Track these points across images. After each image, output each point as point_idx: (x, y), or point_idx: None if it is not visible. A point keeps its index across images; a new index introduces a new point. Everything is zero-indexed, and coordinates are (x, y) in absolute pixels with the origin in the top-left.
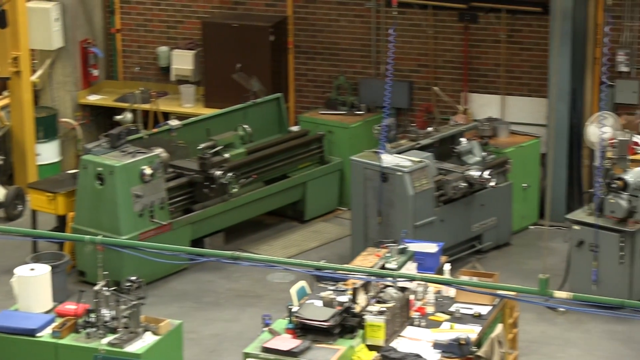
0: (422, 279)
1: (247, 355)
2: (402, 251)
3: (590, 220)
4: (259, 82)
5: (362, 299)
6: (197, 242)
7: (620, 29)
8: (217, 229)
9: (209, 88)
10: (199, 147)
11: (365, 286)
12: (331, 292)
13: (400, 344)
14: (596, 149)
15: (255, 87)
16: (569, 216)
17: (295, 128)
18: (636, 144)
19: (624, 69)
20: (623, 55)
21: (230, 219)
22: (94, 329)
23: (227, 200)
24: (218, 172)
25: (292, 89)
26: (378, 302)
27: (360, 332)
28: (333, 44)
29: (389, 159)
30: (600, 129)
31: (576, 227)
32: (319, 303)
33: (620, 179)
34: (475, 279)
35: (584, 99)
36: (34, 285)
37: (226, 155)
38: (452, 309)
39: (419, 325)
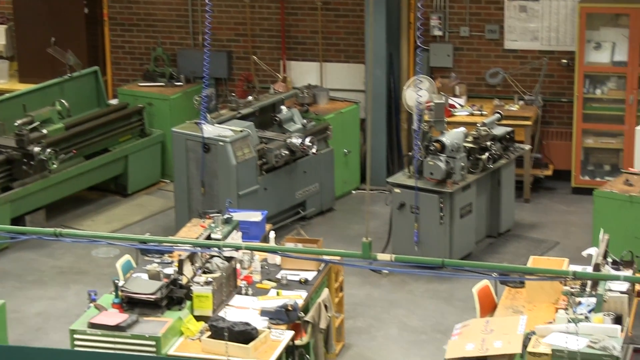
0: (247, 248)
1: (73, 332)
2: (227, 221)
3: (410, 182)
4: (74, 56)
5: (188, 270)
6: (17, 220)
7: None
8: (37, 206)
9: (22, 63)
10: (15, 124)
11: (191, 257)
12: (157, 264)
13: (229, 313)
14: (414, 113)
15: (71, 60)
16: (390, 180)
17: (114, 101)
18: (452, 106)
19: (437, 33)
20: (436, 19)
21: (51, 195)
22: None
23: (47, 177)
24: (36, 149)
25: (109, 62)
26: (204, 272)
27: (188, 303)
28: (149, 15)
29: (210, 130)
30: (416, 93)
31: (397, 190)
32: (145, 276)
33: (437, 141)
34: (300, 246)
35: (400, 64)
36: None
37: (44, 131)
38: (278, 276)
39: (246, 294)
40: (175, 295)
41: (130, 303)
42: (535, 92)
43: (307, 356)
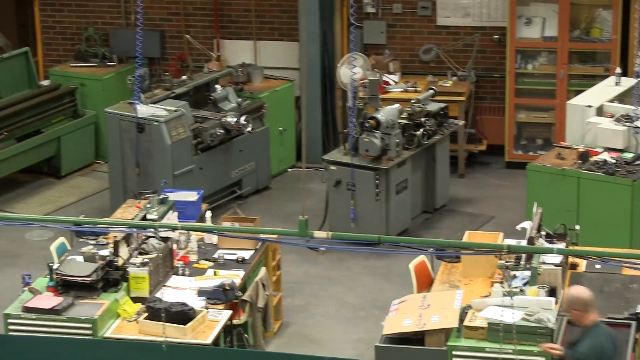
0: (183, 228)
1: (7, 316)
2: (163, 201)
3: (346, 160)
4: (4, 37)
5: (124, 251)
6: None
7: None
8: None
9: None
10: None
11: (127, 238)
12: (92, 246)
13: (166, 294)
14: (348, 90)
15: (1, 42)
16: (326, 157)
17: (45, 82)
18: (386, 83)
19: (371, 10)
20: None
21: None
22: None
23: None
24: None
25: (39, 43)
26: (140, 253)
27: (124, 284)
28: None
29: (144, 110)
30: (351, 70)
31: (333, 167)
32: (80, 258)
33: (372, 118)
34: (236, 225)
35: (334, 41)
36: None
37: None
38: (215, 255)
39: (183, 274)
40: (111, 277)
41: (65, 286)
42: (468, 68)
43: (246, 335)
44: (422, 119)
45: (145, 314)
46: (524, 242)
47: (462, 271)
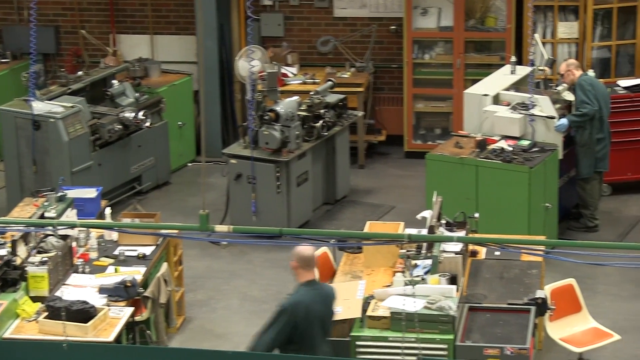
0: (82, 225)
1: None
2: (61, 199)
3: (246, 153)
4: None
5: (22, 250)
6: None
7: None
8: None
9: None
10: None
11: (25, 237)
12: None
13: (66, 292)
14: (247, 83)
15: None
16: (226, 151)
17: None
18: (285, 75)
19: (267, 2)
20: None
21: None
22: None
23: None
24: None
25: None
26: (39, 252)
27: (23, 284)
28: None
29: (39, 107)
30: (249, 63)
31: (233, 161)
32: None
33: (272, 110)
34: (137, 221)
35: (231, 34)
36: None
37: None
38: (116, 252)
39: (83, 272)
40: (9, 277)
41: None
42: (366, 59)
43: (148, 332)
44: (321, 111)
45: (45, 313)
46: (424, 231)
47: (364, 261)
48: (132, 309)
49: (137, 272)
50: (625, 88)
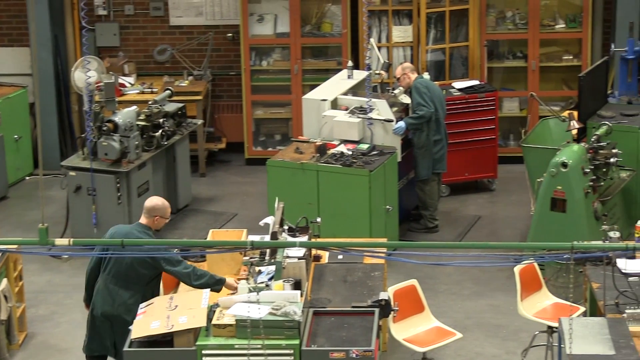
0: None
1: None
2: None
3: (85, 164)
4: None
5: None
6: None
7: None
8: None
9: None
10: None
11: None
12: None
13: None
14: (84, 94)
15: None
16: (64, 163)
17: None
18: (122, 85)
19: (102, 12)
20: None
21: None
22: None
23: None
24: None
25: None
26: None
27: None
28: None
29: None
30: (85, 74)
31: (72, 173)
32: None
33: (110, 121)
34: None
35: (66, 45)
36: None
37: None
38: None
39: None
40: None
41: None
42: (204, 66)
43: None
44: (161, 120)
45: None
46: (267, 238)
47: (208, 269)
48: None
49: None
50: (460, 90)
